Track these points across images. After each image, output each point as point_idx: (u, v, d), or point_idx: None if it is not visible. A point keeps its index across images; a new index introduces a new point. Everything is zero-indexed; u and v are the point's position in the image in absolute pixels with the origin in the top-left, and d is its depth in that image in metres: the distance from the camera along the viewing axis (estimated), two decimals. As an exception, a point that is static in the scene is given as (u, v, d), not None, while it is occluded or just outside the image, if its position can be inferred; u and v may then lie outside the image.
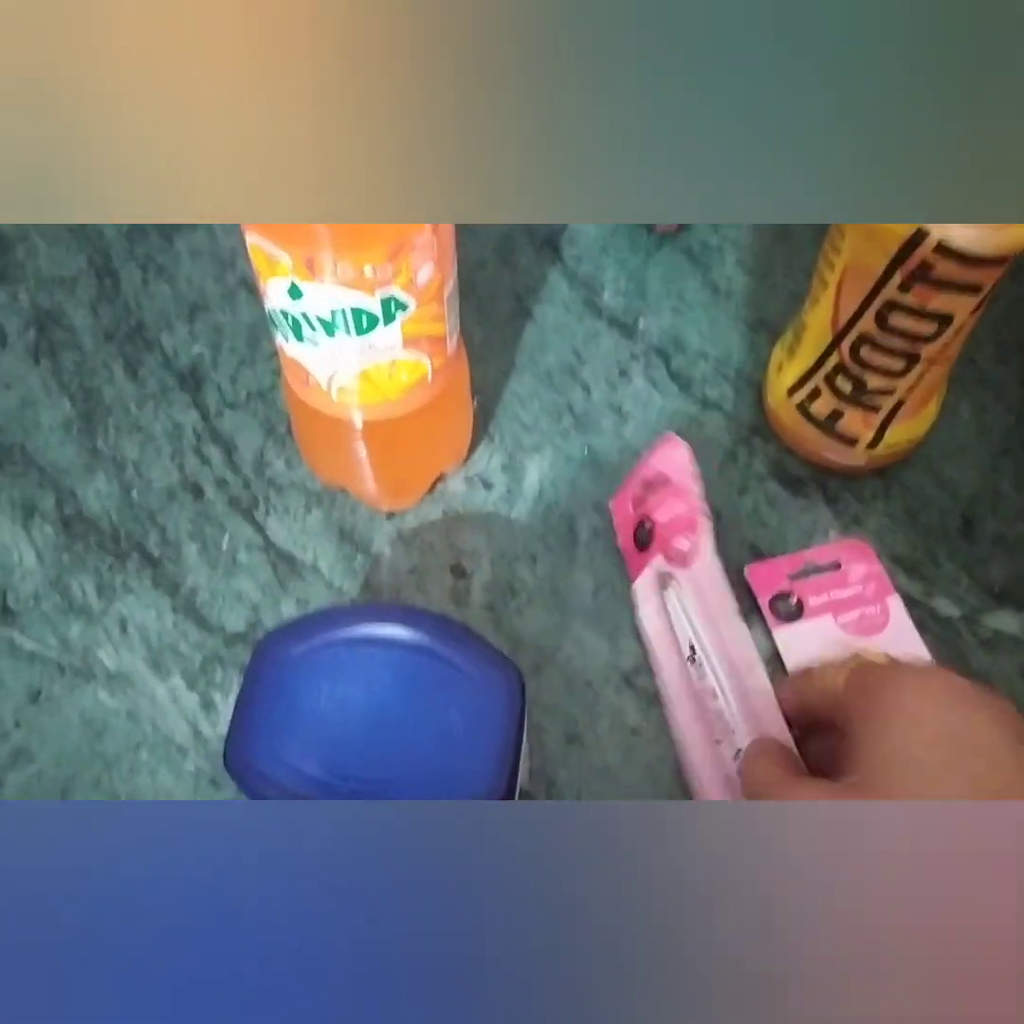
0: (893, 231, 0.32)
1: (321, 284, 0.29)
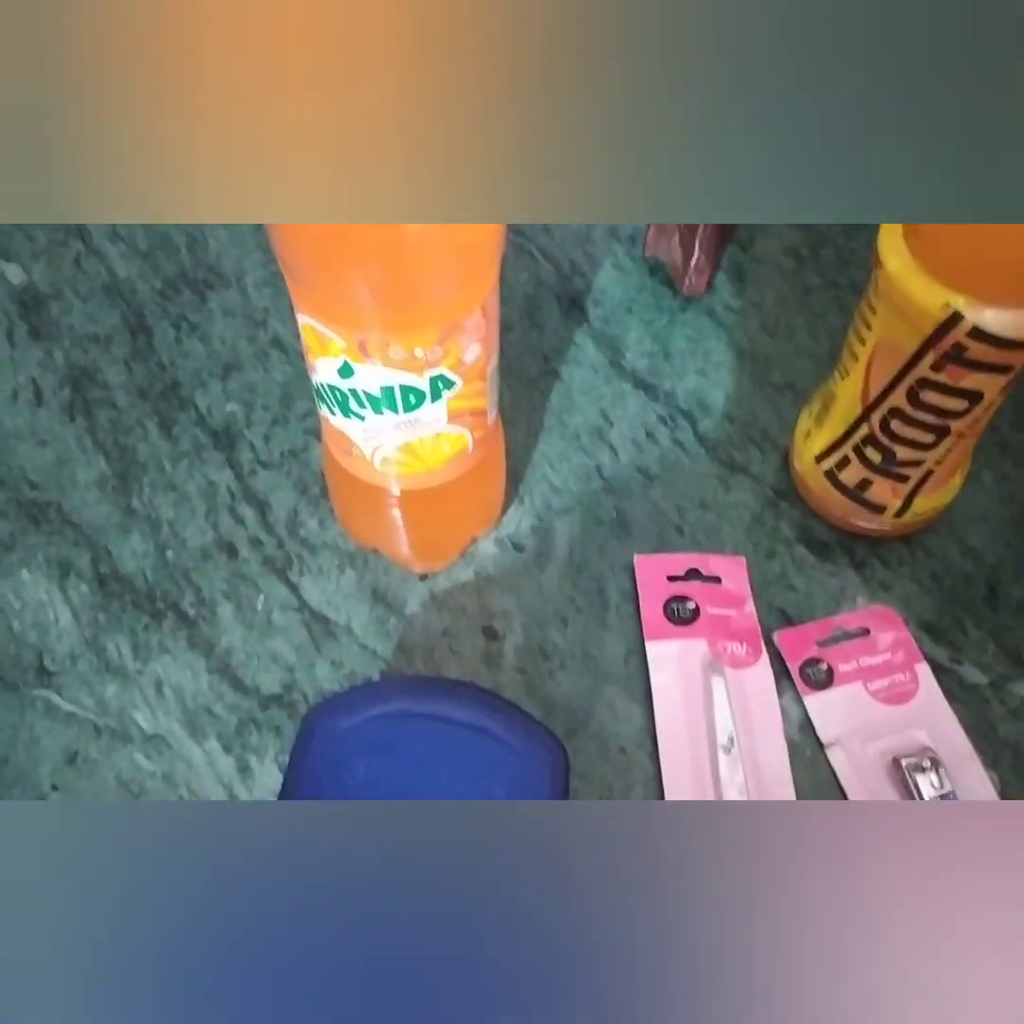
0: (928, 314, 0.33)
1: (372, 365, 0.30)
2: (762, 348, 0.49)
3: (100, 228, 0.53)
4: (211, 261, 0.52)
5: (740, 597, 0.41)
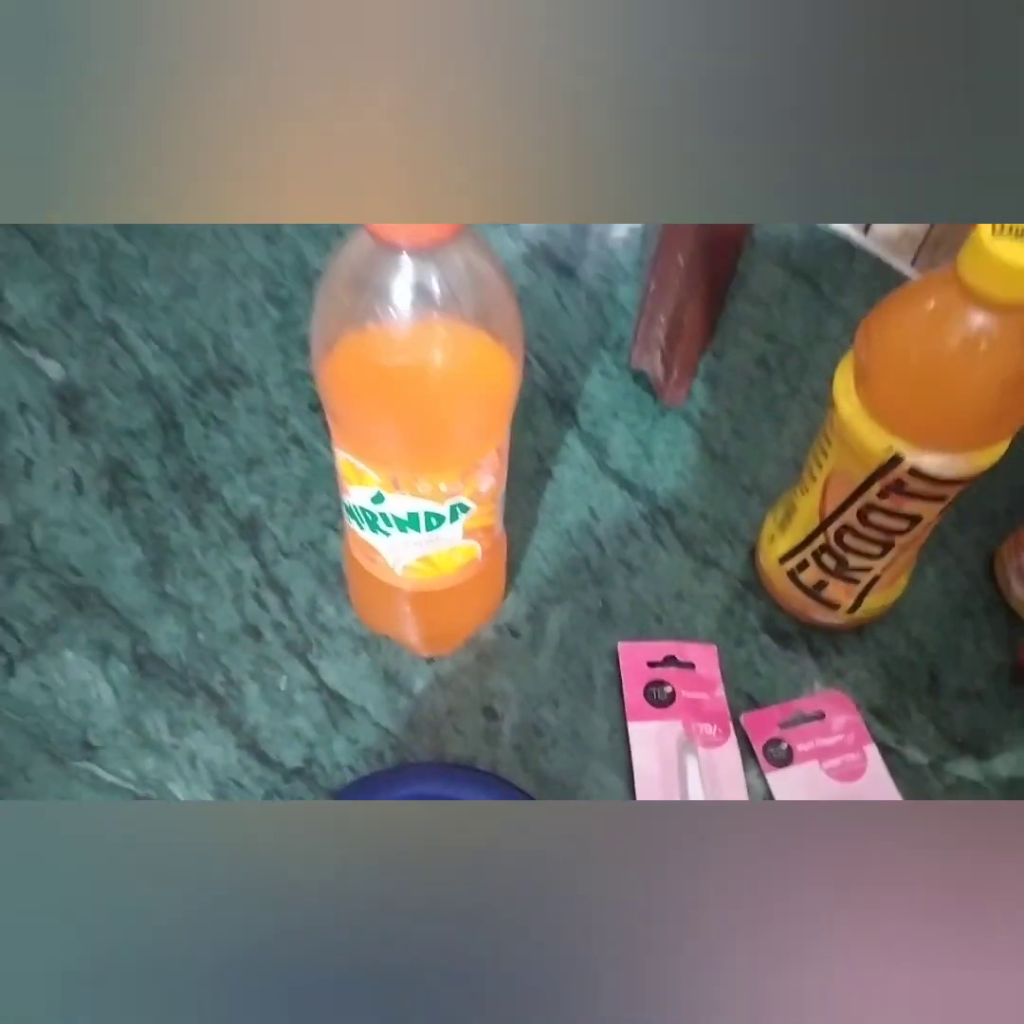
0: (873, 454, 0.38)
1: (401, 495, 0.35)
2: (733, 452, 0.55)
3: (133, 327, 0.58)
4: (235, 361, 0.57)
5: (712, 682, 0.46)
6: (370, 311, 0.31)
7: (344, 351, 0.32)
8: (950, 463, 0.37)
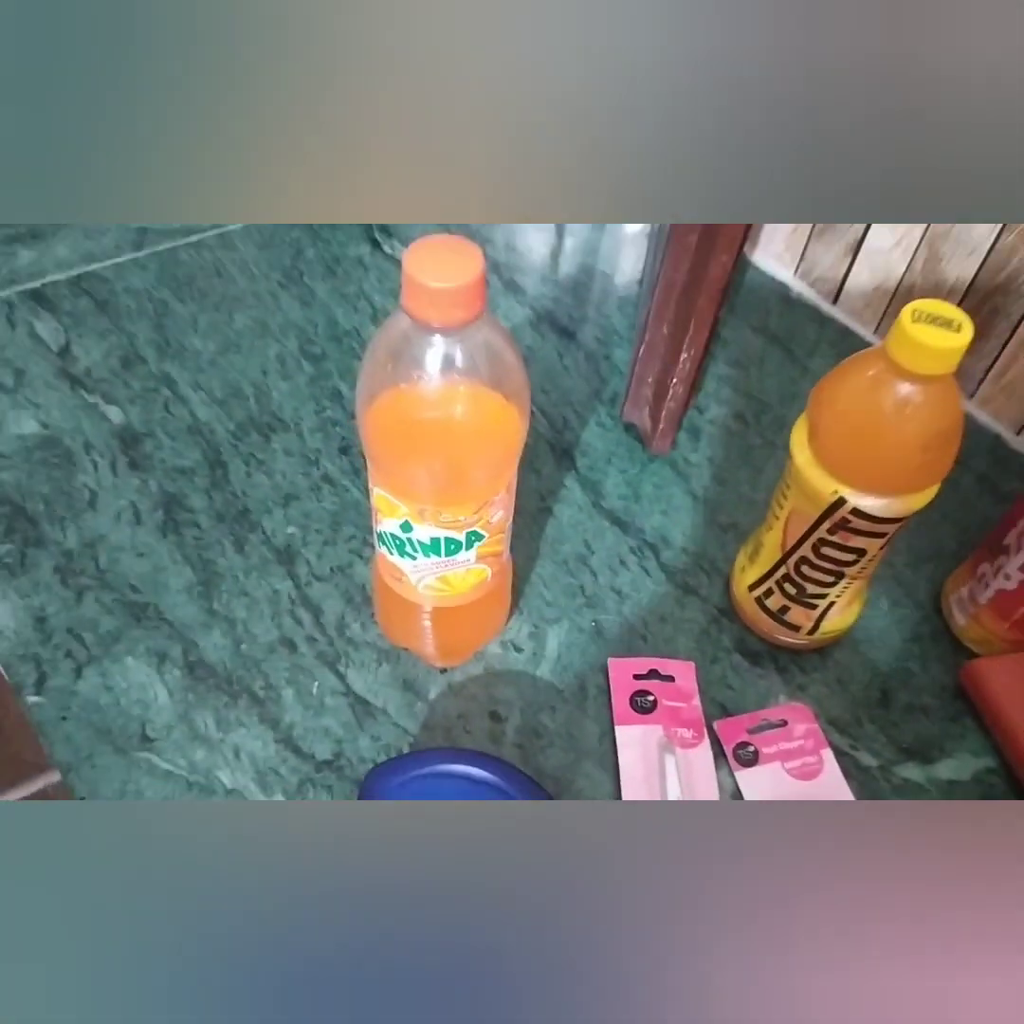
0: (822, 496, 0.46)
1: (426, 524, 0.42)
2: (713, 495, 0.62)
3: (184, 378, 0.66)
4: (274, 409, 0.65)
5: (689, 693, 0.53)
6: (406, 375, 0.38)
7: (383, 406, 0.39)
8: (886, 505, 0.45)
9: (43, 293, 0.70)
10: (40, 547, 0.57)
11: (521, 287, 0.74)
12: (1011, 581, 0.51)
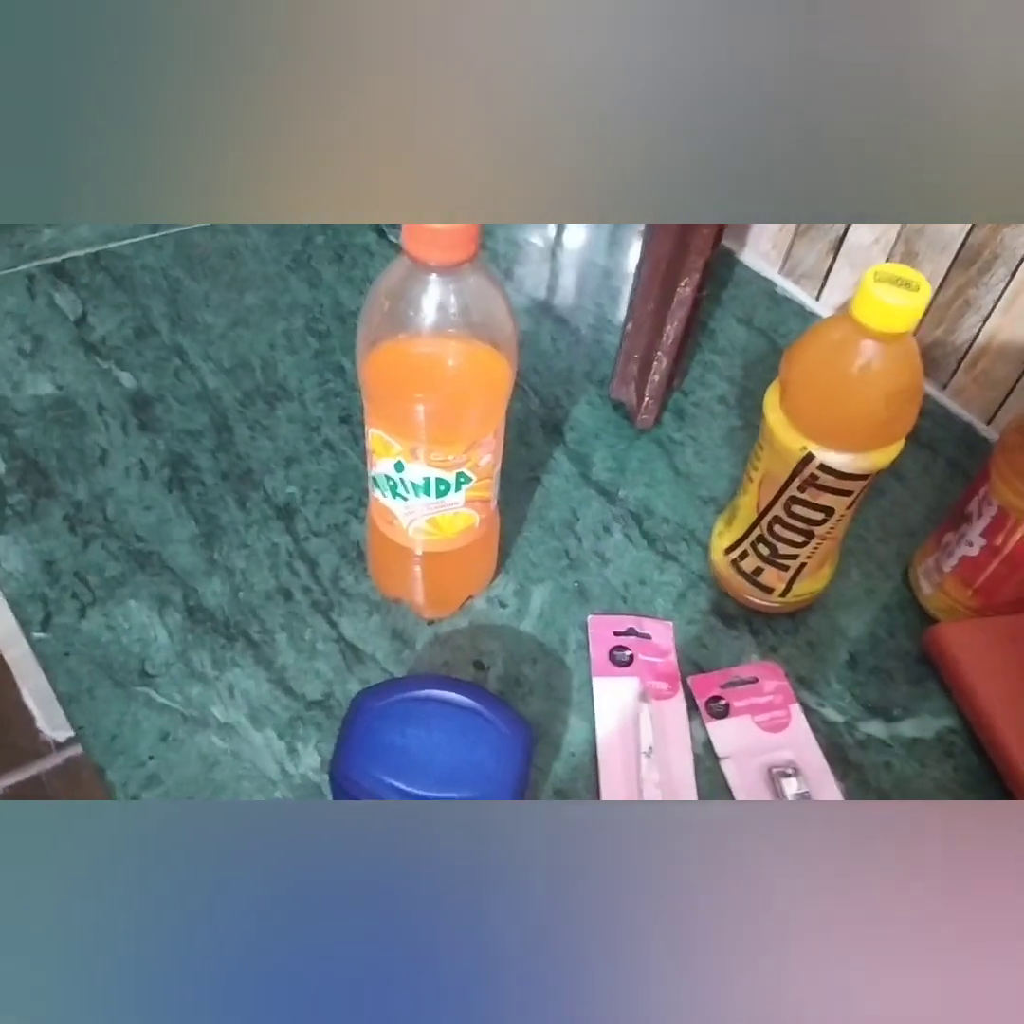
0: (792, 453, 0.48)
1: (418, 464, 0.45)
2: (695, 470, 0.65)
3: (195, 349, 0.69)
4: (280, 379, 0.68)
5: (665, 650, 0.55)
6: (404, 316, 0.41)
7: (382, 346, 0.42)
8: (851, 460, 0.47)
9: (63, 268, 0.74)
10: (51, 497, 0.59)
11: (519, 277, 0.78)
12: (973, 548, 0.54)
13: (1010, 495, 0.50)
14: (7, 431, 0.63)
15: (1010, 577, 0.53)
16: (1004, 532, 0.52)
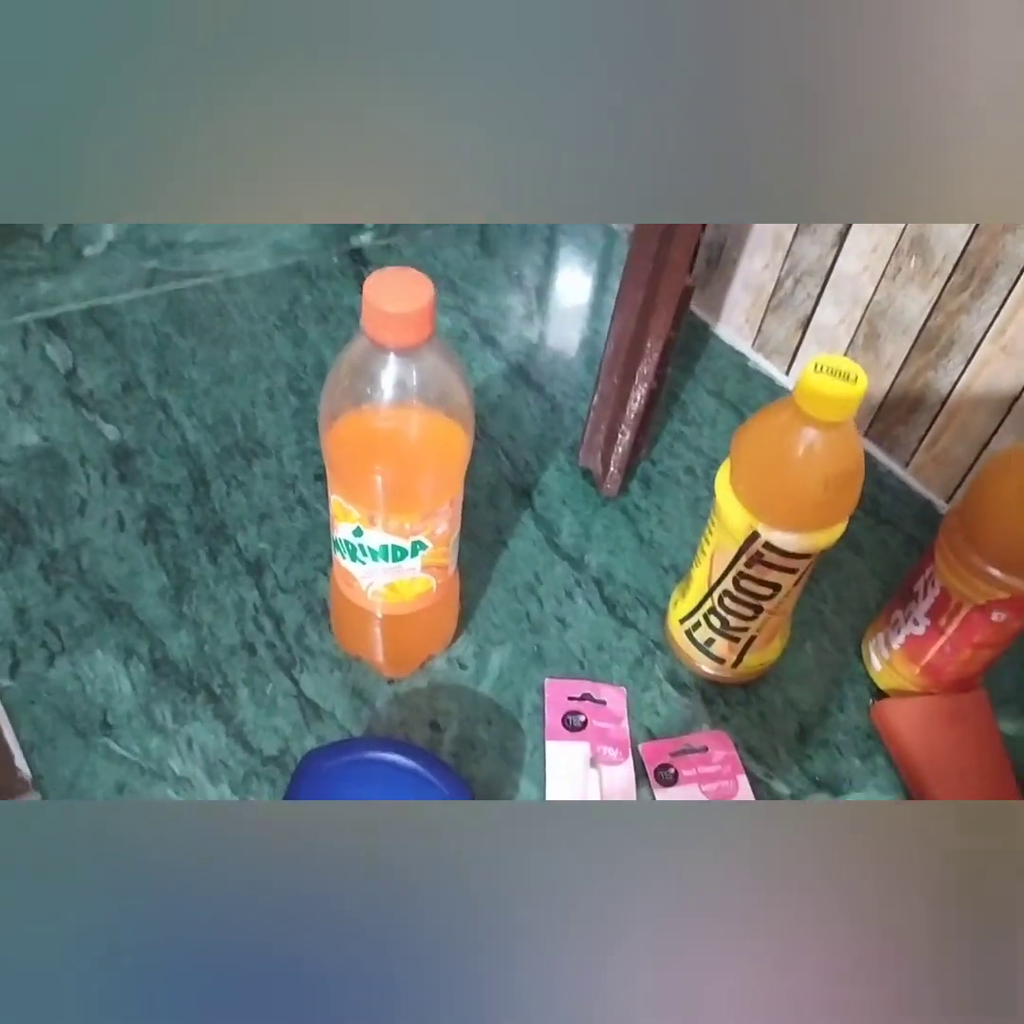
0: (739, 531, 0.50)
1: (375, 530, 0.47)
2: (658, 538, 0.67)
3: (179, 404, 0.71)
4: (259, 436, 0.70)
5: (619, 716, 0.57)
6: (363, 391, 0.43)
7: (342, 419, 0.44)
8: (795, 540, 0.49)
9: (57, 321, 0.76)
10: (28, 546, 0.61)
11: (498, 343, 0.80)
12: (919, 627, 0.55)
13: (952, 578, 0.52)
14: (-10, 479, 0.64)
15: (954, 657, 0.55)
16: (947, 613, 0.53)
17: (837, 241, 0.70)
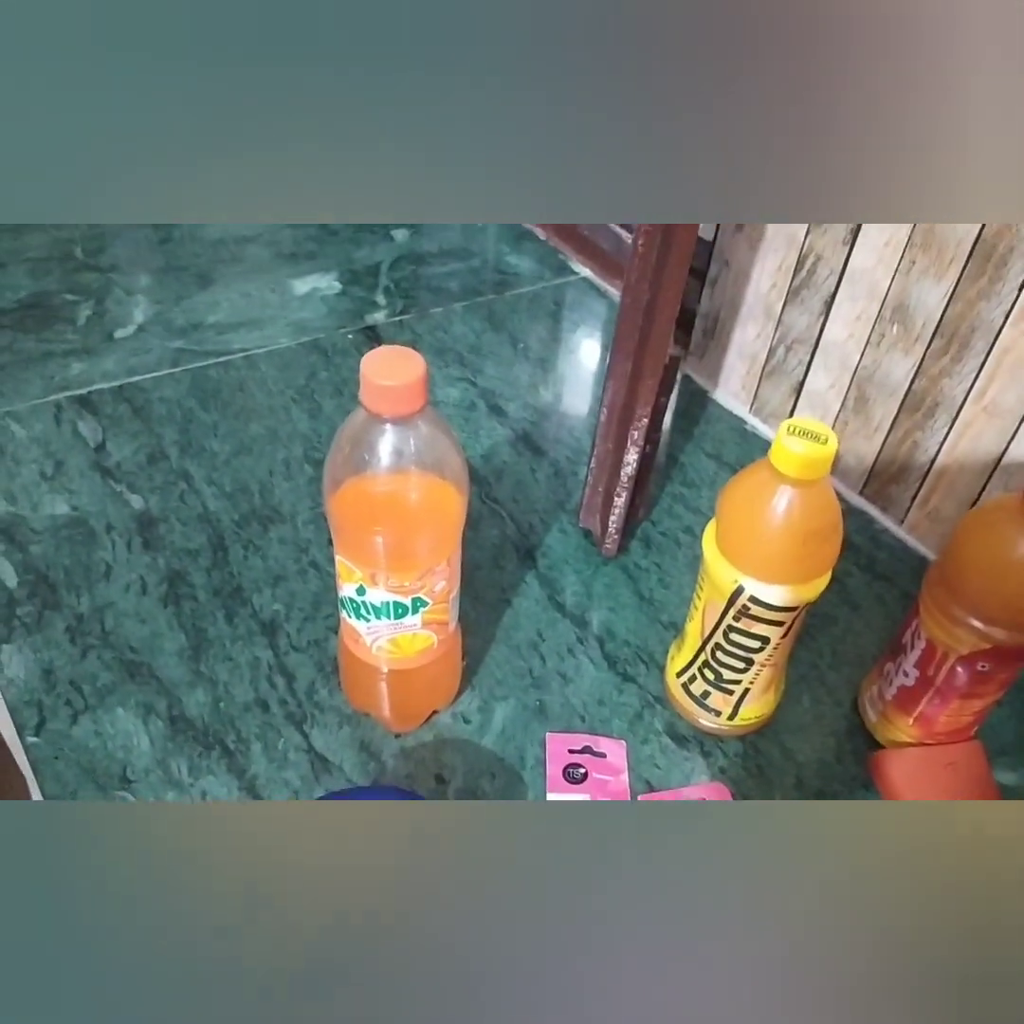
0: (726, 585, 0.52)
1: (377, 588, 0.50)
2: (658, 596, 0.69)
3: (200, 474, 0.75)
4: (275, 504, 0.73)
5: (618, 769, 0.58)
6: (362, 458, 0.47)
7: (345, 487, 0.47)
8: (779, 593, 0.51)
9: (89, 398, 0.81)
10: (55, 610, 0.65)
11: (504, 411, 0.84)
12: (909, 678, 0.57)
13: (936, 629, 0.54)
14: (23, 548, 0.68)
15: (944, 707, 0.56)
16: (934, 664, 0.55)
17: (823, 310, 0.74)
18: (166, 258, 0.99)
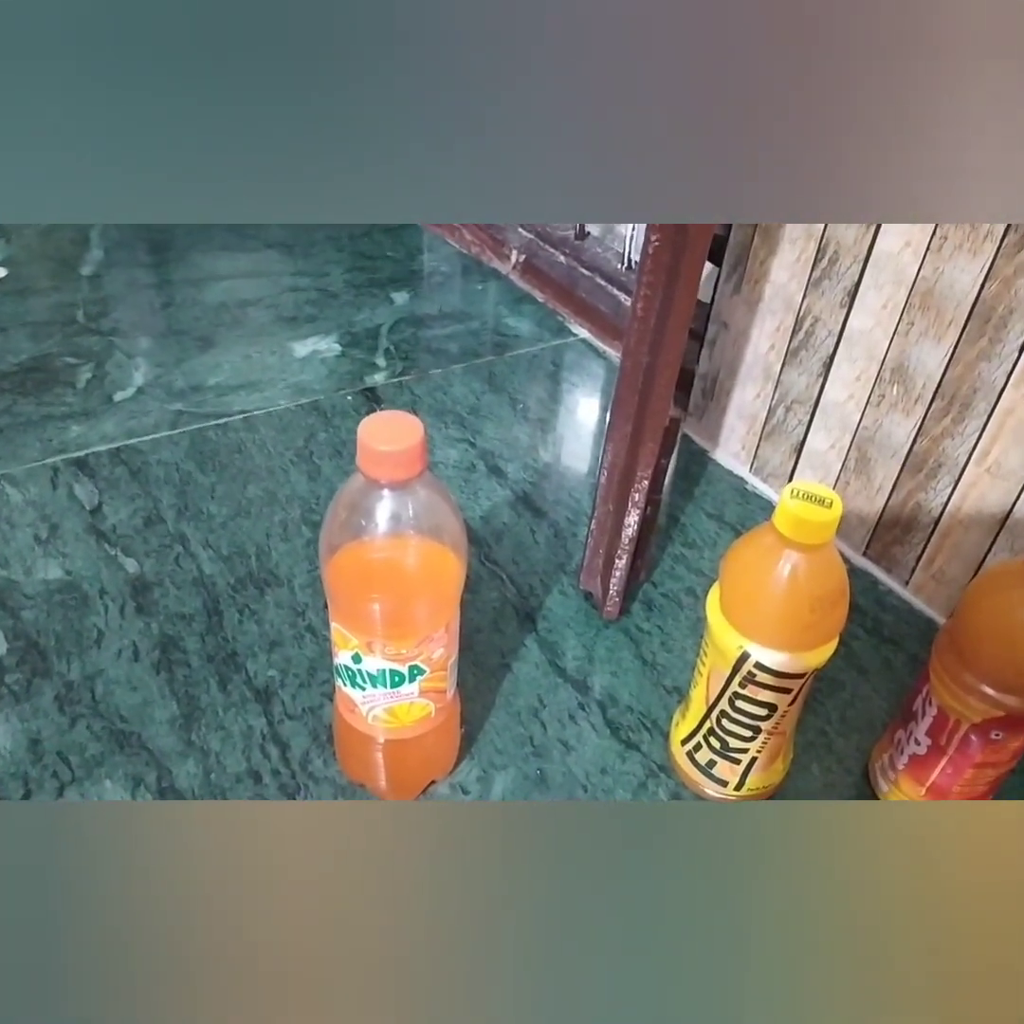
0: (731, 651, 0.51)
1: (373, 656, 0.48)
2: (660, 660, 0.68)
3: (196, 537, 0.74)
4: (272, 567, 0.72)
5: (622, 842, 0.56)
6: (359, 524, 0.46)
7: (341, 553, 0.47)
8: (785, 660, 0.50)
9: (86, 461, 0.81)
10: (45, 677, 0.63)
11: (504, 472, 0.84)
12: (921, 746, 0.55)
13: (947, 697, 0.52)
14: (14, 613, 0.67)
15: (957, 777, 0.54)
16: (946, 732, 0.53)
17: (822, 371, 0.74)
18: (168, 322, 1.00)
